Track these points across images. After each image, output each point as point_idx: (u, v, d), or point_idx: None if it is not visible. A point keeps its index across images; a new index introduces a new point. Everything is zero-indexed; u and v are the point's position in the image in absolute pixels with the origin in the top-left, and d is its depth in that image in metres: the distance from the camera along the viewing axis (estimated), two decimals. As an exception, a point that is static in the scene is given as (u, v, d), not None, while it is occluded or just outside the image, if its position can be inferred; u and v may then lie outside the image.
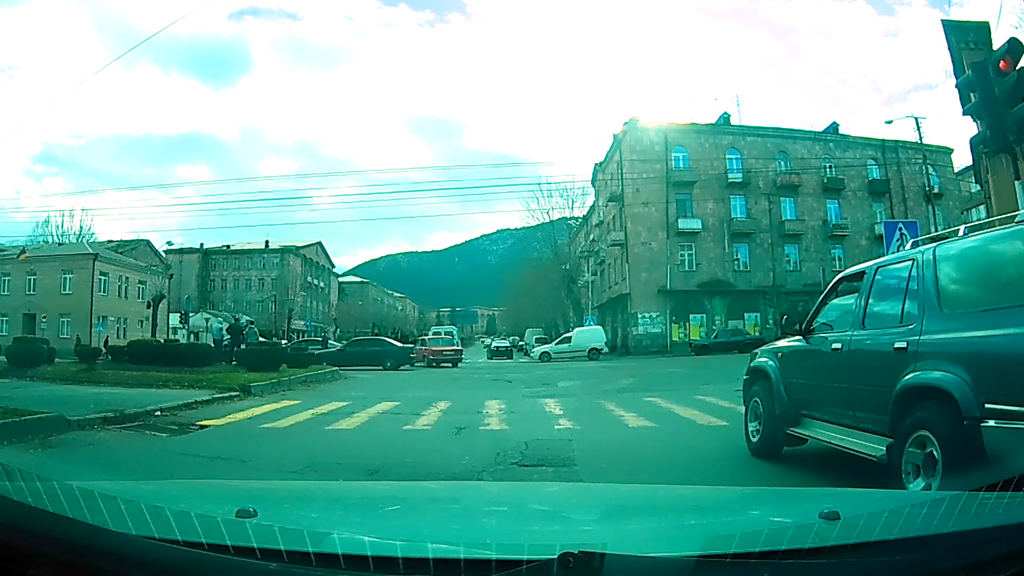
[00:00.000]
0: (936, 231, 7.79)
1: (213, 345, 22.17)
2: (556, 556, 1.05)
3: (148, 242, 55.81)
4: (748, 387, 6.32)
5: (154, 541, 1.12)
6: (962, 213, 43.55)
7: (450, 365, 27.80)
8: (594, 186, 49.90)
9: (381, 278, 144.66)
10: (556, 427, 8.22)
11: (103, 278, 45.27)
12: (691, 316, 39.72)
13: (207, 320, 47.15)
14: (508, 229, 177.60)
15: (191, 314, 39.94)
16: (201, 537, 1.13)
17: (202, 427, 8.32)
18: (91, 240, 50.18)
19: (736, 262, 40.47)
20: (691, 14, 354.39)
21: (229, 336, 22.70)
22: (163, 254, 59.96)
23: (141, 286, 46.22)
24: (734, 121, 43.24)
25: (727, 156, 41.25)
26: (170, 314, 41.04)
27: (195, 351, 19.69)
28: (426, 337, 36.25)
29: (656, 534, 1.61)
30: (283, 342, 35.14)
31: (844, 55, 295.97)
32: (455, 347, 31.52)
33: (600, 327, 38.77)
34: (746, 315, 39.20)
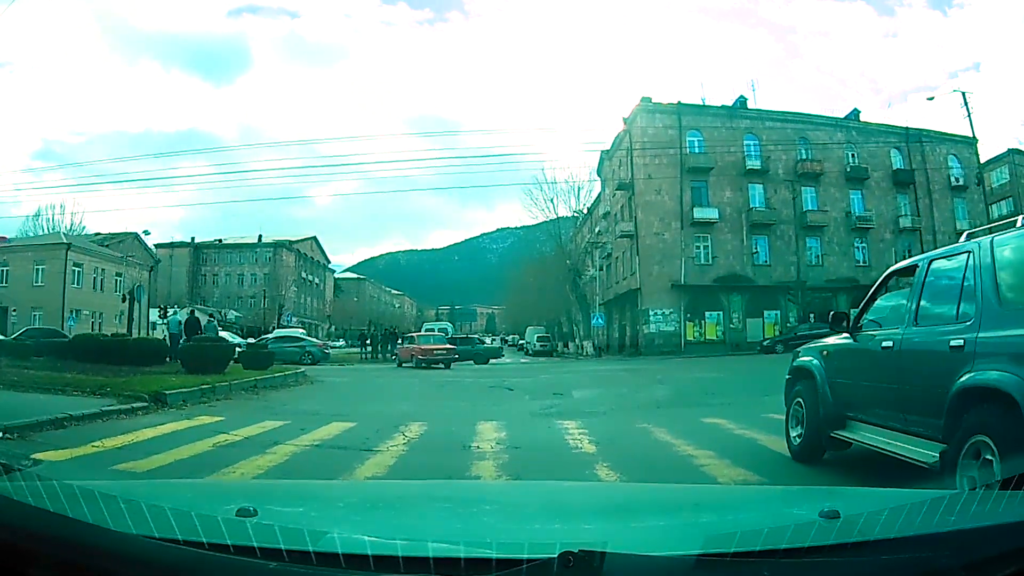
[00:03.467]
0: (968, 225, 6.92)
1: (168, 341, 18.99)
2: (556, 555, 1.05)
3: (136, 235, 53.69)
4: (790, 388, 6.21)
5: (154, 540, 1.12)
6: (988, 207, 40.93)
7: (442, 367, 24.32)
8: (600, 176, 47.30)
9: (380, 276, 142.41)
10: None
11: (76, 269, 43.33)
12: (707, 313, 37.17)
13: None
14: (509, 227, 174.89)
15: (174, 308, 36.75)
16: (201, 536, 1.12)
17: (35, 462, 5.83)
18: (81, 233, 47.41)
19: (755, 255, 37.81)
20: (691, 14, 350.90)
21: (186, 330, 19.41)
22: (153, 248, 57.40)
23: (118, 278, 43.26)
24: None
25: (744, 142, 38.08)
26: (150, 308, 37.90)
27: (144, 347, 16.92)
28: (415, 334, 31.25)
29: (657, 533, 1.60)
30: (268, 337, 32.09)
31: (844, 56, 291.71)
32: (448, 346, 27.78)
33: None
34: (766, 312, 36.46)
